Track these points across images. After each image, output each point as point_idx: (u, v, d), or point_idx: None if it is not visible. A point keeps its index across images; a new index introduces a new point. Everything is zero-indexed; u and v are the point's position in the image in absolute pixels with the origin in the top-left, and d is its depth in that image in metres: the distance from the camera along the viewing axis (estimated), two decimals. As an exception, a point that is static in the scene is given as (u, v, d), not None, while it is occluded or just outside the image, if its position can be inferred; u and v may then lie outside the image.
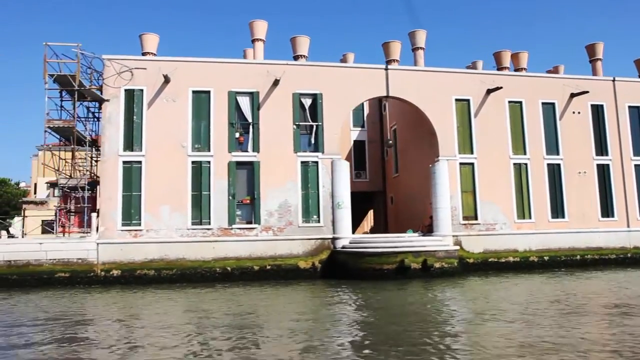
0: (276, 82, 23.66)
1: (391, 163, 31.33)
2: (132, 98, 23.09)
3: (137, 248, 22.26)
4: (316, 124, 24.07)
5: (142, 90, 23.11)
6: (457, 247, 22.88)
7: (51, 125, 21.43)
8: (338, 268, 22.67)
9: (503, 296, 17.28)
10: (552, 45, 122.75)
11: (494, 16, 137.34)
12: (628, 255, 25.65)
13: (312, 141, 24.11)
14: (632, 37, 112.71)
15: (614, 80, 26.87)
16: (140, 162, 22.80)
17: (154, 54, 31.45)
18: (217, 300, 17.63)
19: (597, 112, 26.54)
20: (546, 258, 24.72)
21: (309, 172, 23.86)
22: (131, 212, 22.54)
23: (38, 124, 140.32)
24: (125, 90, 23.00)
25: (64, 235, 23.57)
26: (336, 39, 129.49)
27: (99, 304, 17.13)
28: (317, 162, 23.92)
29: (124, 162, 22.68)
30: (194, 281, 22.06)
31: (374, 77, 24.86)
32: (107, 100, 22.74)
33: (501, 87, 24.94)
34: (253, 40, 26.74)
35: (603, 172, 26.18)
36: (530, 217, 25.08)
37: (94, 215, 22.16)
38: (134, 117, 23.00)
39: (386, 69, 25.00)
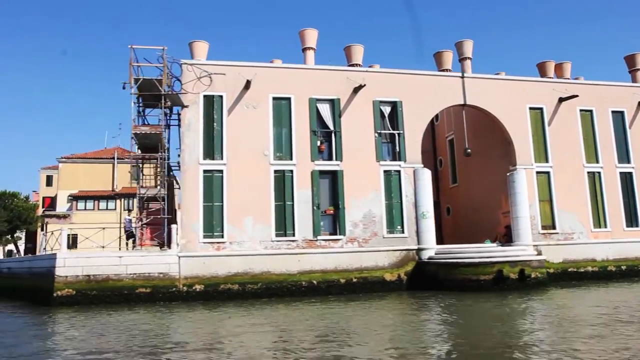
0: (357, 89, 23.11)
1: (447, 173, 30.98)
2: (211, 104, 22.18)
3: (220, 261, 21.16)
4: (397, 132, 23.56)
5: (221, 96, 22.22)
6: (545, 257, 22.51)
7: (138, 132, 20.30)
8: (427, 279, 21.99)
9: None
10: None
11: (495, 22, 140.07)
12: None
13: (394, 150, 23.57)
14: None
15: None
16: (221, 171, 21.81)
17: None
18: (311, 314, 16.47)
19: (623, 123, 26.64)
20: (624, 267, 24.60)
21: (391, 182, 23.27)
22: (213, 224, 21.49)
23: (41, 136, 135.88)
24: (204, 96, 22.08)
25: (133, 248, 22.34)
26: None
27: (195, 322, 15.74)
28: (399, 171, 23.35)
29: (205, 171, 21.67)
30: (280, 295, 21.06)
31: (451, 85, 24.58)
32: (186, 107, 21.76)
33: (577, 95, 24.96)
34: (304, 49, 26.30)
35: (630, 182, 26.19)
36: (606, 226, 25.01)
37: (174, 227, 20.98)
38: (214, 124, 22.06)
39: (462, 77, 24.75)
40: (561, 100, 25.27)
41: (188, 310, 17.81)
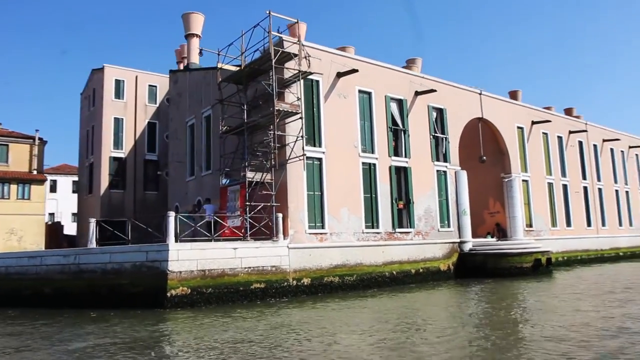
0: (420, 93, 24.73)
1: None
2: (309, 88, 21.02)
3: (323, 253, 20.30)
4: (444, 136, 25.86)
5: (317, 81, 21.26)
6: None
7: (280, 109, 17.97)
8: (472, 268, 24.72)
9: None
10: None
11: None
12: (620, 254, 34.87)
13: (440, 152, 25.75)
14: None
15: (586, 124, 36.10)
16: (320, 159, 20.86)
17: (200, 36, 28.65)
18: (433, 302, 18.18)
19: (581, 147, 35.24)
20: (565, 258, 31.49)
21: (441, 181, 25.41)
22: (315, 214, 20.41)
23: None
24: (283, 78, 20.78)
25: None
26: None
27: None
28: (445, 172, 25.66)
29: (307, 158, 20.41)
30: (370, 287, 21.26)
31: (472, 99, 28.02)
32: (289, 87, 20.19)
33: (550, 121, 31.15)
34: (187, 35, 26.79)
35: (585, 191, 34.77)
36: (556, 225, 31.69)
37: (279, 215, 19.22)
38: (313, 108, 20.97)
39: (480, 94, 28.45)
40: (533, 123, 31.18)
41: (313, 307, 16.87)
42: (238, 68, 21.04)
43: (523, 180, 30.07)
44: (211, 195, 23.81)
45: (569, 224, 32.81)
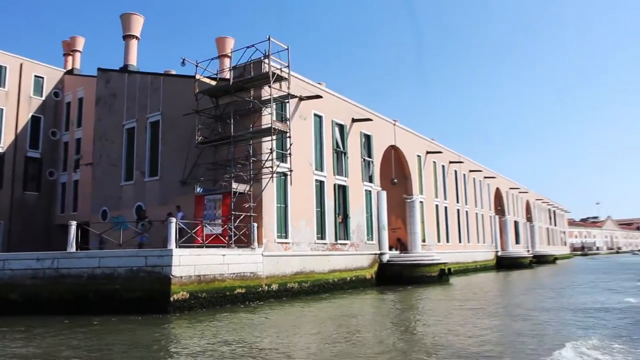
0: (356, 120, 27.92)
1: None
2: (281, 107, 22.72)
3: (287, 261, 22.09)
4: (371, 160, 29.36)
5: (287, 102, 23.06)
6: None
7: (275, 127, 19.23)
8: (390, 277, 28.44)
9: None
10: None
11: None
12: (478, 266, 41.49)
13: (368, 174, 29.18)
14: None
15: (459, 156, 42.96)
16: (286, 175, 22.60)
17: (138, 38, 29.13)
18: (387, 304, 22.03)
19: (456, 175, 41.90)
20: (456, 268, 37.17)
21: (367, 199, 28.76)
22: (281, 225, 22.09)
23: None
24: (273, 98, 22.44)
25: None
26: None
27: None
28: (370, 191, 29.12)
29: (277, 173, 22.04)
30: (319, 292, 23.59)
31: (389, 129, 32.15)
32: (264, 106, 21.72)
33: (441, 152, 36.78)
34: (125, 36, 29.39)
35: (458, 213, 41.42)
36: (440, 241, 37.38)
37: (254, 225, 20.57)
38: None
39: (394, 124, 32.71)
40: (428, 152, 36.59)
41: (305, 307, 19.07)
42: (213, 81, 21.91)
43: (420, 202, 35.07)
44: (160, 200, 23.90)
45: (448, 240, 38.87)
